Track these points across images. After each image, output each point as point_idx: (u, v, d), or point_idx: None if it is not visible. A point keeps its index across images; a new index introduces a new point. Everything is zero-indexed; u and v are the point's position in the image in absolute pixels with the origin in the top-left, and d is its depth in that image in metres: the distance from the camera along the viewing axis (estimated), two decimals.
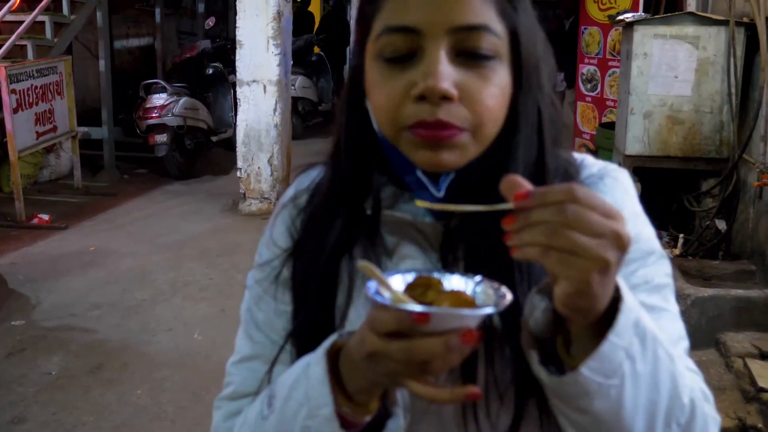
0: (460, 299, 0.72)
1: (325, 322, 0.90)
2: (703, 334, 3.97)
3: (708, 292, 4.04)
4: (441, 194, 0.86)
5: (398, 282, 0.75)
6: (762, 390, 3.38)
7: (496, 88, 0.82)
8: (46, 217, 6.55)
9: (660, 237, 5.28)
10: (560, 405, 0.77)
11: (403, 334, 0.69)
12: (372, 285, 0.72)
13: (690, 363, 0.85)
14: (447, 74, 0.79)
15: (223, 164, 8.83)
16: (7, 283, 5.02)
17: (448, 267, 0.87)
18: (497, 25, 0.82)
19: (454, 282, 0.77)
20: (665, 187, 5.30)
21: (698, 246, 5.01)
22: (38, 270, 5.29)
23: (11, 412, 3.41)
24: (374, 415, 0.80)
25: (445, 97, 0.79)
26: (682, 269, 4.40)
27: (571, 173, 0.91)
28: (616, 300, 0.72)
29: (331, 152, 0.95)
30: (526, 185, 0.69)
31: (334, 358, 0.79)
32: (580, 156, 0.96)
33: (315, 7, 14.39)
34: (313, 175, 1.01)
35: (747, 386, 3.51)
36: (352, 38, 0.93)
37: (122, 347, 4.11)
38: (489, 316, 0.71)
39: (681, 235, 5.11)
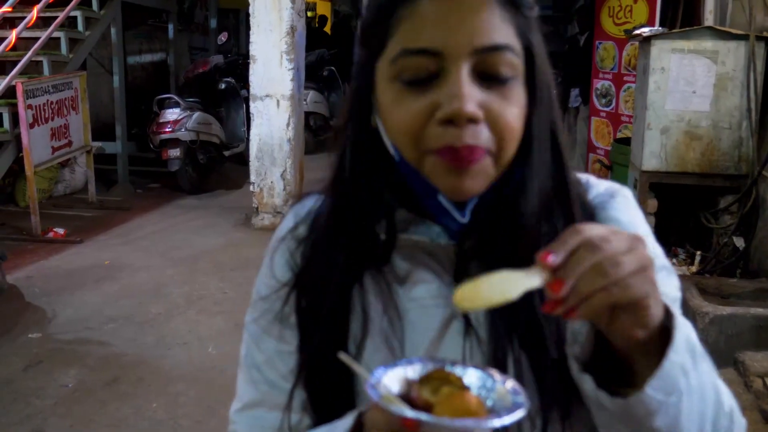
0: (464, 405, 0.66)
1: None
2: (722, 353, 3.91)
3: (726, 310, 3.99)
4: (466, 219, 0.84)
5: (415, 372, 0.71)
6: None
7: (516, 107, 0.80)
8: (61, 231, 6.58)
9: (677, 254, 5.24)
10: (620, 427, 0.76)
11: None
12: (376, 375, 0.69)
13: None
14: (472, 96, 0.77)
15: (236, 179, 8.86)
16: (23, 296, 5.03)
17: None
18: (516, 44, 0.80)
19: (472, 378, 0.72)
20: (682, 204, 5.26)
21: (716, 263, 4.97)
22: (54, 283, 5.30)
23: (29, 425, 3.40)
24: None
25: (471, 120, 0.77)
26: (699, 287, 4.34)
27: (580, 193, 0.91)
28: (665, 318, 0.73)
29: (333, 176, 0.90)
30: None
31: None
32: (583, 176, 0.95)
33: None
34: (309, 204, 0.96)
35: (766, 406, 3.46)
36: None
37: (138, 361, 4.10)
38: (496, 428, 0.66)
39: (698, 252, 5.07)
